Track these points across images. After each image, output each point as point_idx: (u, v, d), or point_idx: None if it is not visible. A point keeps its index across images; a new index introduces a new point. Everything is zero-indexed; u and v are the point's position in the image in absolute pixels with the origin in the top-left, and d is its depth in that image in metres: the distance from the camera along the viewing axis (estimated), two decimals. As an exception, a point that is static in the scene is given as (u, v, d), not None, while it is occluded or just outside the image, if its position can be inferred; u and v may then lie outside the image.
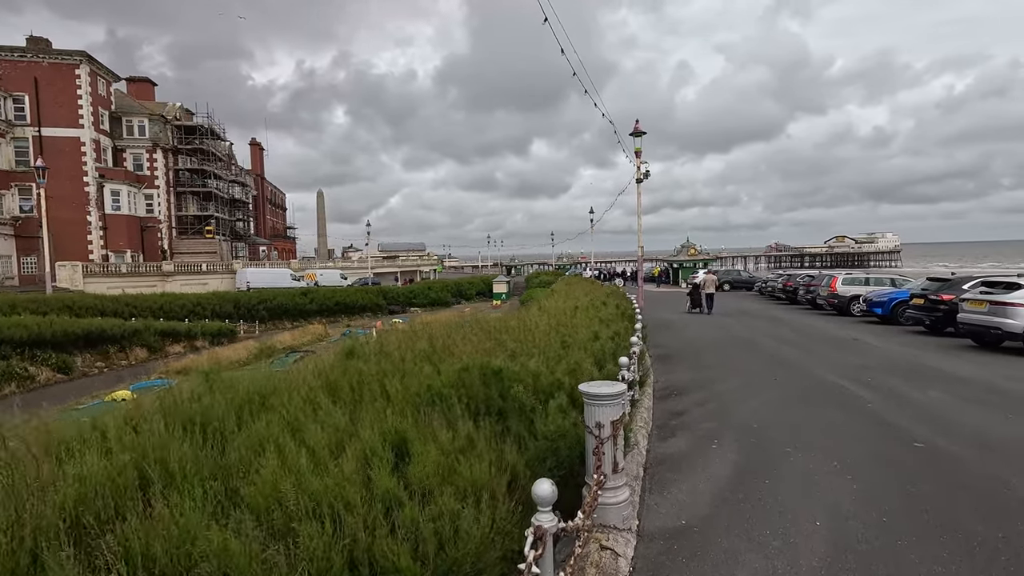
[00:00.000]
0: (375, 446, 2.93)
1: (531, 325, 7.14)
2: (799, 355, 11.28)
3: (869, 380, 8.65)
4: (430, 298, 53.23)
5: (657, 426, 6.24)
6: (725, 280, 41.22)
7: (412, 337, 6.17)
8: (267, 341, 28.39)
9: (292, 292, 41.32)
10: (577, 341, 6.53)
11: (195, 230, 53.24)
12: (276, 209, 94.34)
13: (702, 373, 9.52)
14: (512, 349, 5.29)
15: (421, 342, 5.53)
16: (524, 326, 7.06)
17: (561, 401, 3.76)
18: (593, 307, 12.29)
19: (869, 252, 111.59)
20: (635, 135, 20.56)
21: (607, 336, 7.20)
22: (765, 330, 15.96)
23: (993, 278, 13.02)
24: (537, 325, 7.06)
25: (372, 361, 4.63)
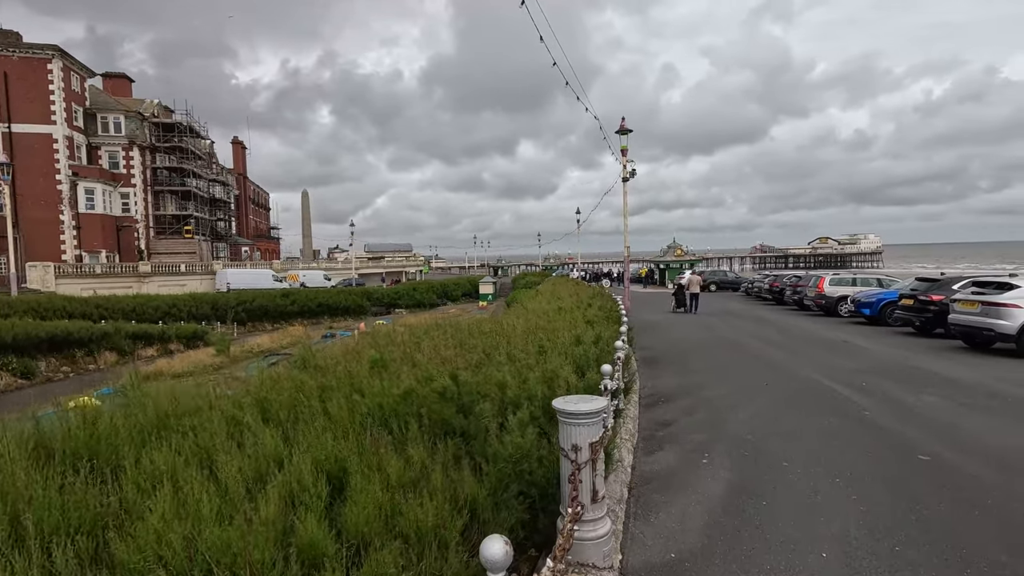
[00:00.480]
0: (306, 479, 2.41)
1: (507, 329, 6.64)
2: (789, 358, 10.92)
3: (863, 384, 8.28)
4: (415, 299, 52.56)
5: (643, 438, 5.78)
6: (712, 281, 41.10)
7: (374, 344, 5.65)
8: (244, 344, 27.59)
9: (272, 293, 40.41)
10: (557, 346, 6.05)
11: (173, 230, 51.99)
12: (259, 209, 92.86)
13: (690, 378, 9.10)
14: (480, 357, 4.79)
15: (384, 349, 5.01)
16: (500, 330, 6.57)
17: (523, 415, 3.26)
18: (578, 308, 11.84)
19: (851, 253, 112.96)
20: (621, 133, 20.17)
21: (590, 340, 6.73)
22: (753, 332, 15.63)
23: (984, 278, 12.79)
24: (514, 329, 6.57)
25: (329, 372, 4.10)
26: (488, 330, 6.47)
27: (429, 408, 3.52)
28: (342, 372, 3.97)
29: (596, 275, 55.14)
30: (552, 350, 5.62)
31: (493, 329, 6.46)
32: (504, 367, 4.49)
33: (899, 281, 20.01)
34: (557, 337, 6.46)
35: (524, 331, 6.64)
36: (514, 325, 7.12)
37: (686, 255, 48.82)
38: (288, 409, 3.22)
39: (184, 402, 3.24)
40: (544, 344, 5.44)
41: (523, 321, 7.79)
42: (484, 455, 3.24)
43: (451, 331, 6.51)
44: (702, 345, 13.15)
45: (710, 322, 18.50)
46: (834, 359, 10.76)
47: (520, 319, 8.98)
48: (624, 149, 20.32)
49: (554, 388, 4.26)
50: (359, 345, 5.51)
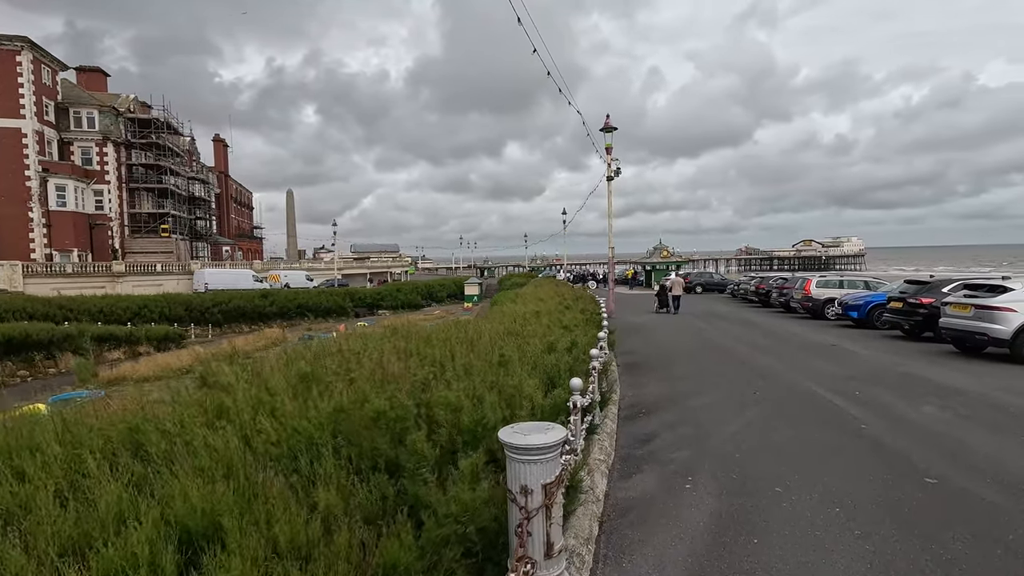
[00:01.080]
0: (143, 550, 1.76)
1: (472, 335, 6.01)
2: (778, 363, 10.43)
3: (857, 393, 7.78)
4: (399, 300, 51.83)
5: (621, 458, 5.18)
6: (698, 283, 40.85)
7: (304, 355, 4.99)
8: (217, 347, 26.64)
9: (250, 294, 39.39)
10: (527, 355, 5.44)
11: (149, 229, 50.61)
12: (242, 208, 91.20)
13: (674, 386, 8.54)
14: (435, 370, 4.15)
15: (317, 361, 4.36)
16: (464, 336, 5.94)
17: (478, 460, 2.64)
18: (558, 311, 11.25)
19: (835, 256, 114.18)
20: (606, 130, 19.65)
21: (564, 346, 6.13)
22: (740, 335, 15.17)
23: (976, 281, 12.42)
24: (480, 336, 5.94)
25: (237, 391, 3.44)
26: (452, 336, 5.83)
27: (357, 437, 2.88)
28: (255, 390, 3.32)
29: (582, 276, 54.71)
30: (519, 360, 5.01)
31: (456, 336, 5.83)
32: (459, 383, 3.86)
33: (887, 284, 19.71)
34: (528, 345, 5.85)
35: (492, 338, 6.01)
36: (481, 331, 6.50)
37: (672, 257, 48.60)
38: (170, 441, 2.57)
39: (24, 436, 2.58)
40: (508, 354, 4.82)
41: (494, 326, 7.18)
42: (419, 501, 2.60)
43: (409, 338, 5.86)
44: (688, 349, 12.63)
45: (696, 325, 18.03)
46: (824, 364, 10.28)
47: (493, 323, 8.37)
48: (608, 147, 19.80)
49: (514, 409, 3.64)
50: (293, 356, 4.85)
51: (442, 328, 6.92)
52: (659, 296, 23.76)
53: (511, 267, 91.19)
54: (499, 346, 5.65)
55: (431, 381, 3.74)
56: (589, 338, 7.30)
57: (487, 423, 3.07)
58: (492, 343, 5.87)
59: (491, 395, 3.56)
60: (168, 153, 51.50)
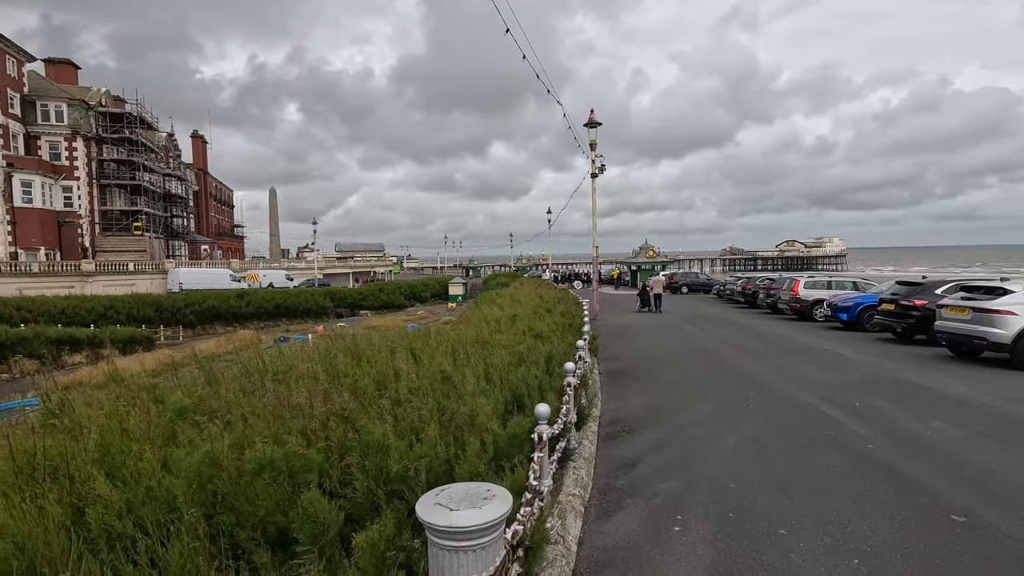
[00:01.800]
0: None
1: (432, 344, 5.27)
2: (770, 371, 9.82)
3: (856, 405, 7.18)
4: (381, 300, 50.89)
5: (599, 490, 4.48)
6: (684, 283, 40.49)
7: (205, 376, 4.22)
8: (188, 349, 25.53)
9: (226, 294, 38.16)
10: (495, 367, 4.72)
11: (122, 226, 49.01)
12: (222, 206, 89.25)
13: (661, 397, 7.87)
14: (368, 393, 3.40)
15: (220, 385, 3.60)
16: (424, 345, 5.20)
17: (383, 528, 1.92)
18: (536, 315, 10.55)
19: (817, 256, 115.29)
20: (590, 126, 19.00)
21: (537, 358, 5.41)
22: (728, 338, 14.60)
23: (973, 282, 11.95)
24: (436, 346, 5.20)
25: (86, 429, 2.67)
26: (409, 346, 5.09)
27: (231, 497, 2.13)
28: (110, 435, 2.54)
29: (568, 276, 54.17)
30: (482, 376, 4.28)
31: (413, 345, 5.09)
32: (400, 409, 3.12)
33: (875, 284, 19.32)
34: (493, 356, 5.12)
35: (454, 347, 5.28)
36: (443, 339, 5.76)
37: (658, 257, 48.26)
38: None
39: None
40: (453, 372, 4.08)
41: (460, 333, 6.44)
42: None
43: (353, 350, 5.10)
44: (674, 355, 12.00)
45: (683, 327, 17.45)
46: (818, 371, 9.70)
47: (462, 329, 7.63)
48: (593, 143, 19.15)
49: (464, 444, 2.92)
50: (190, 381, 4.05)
51: (399, 336, 6.17)
52: (641, 296, 24.23)
53: (497, 267, 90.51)
54: (461, 357, 4.92)
55: (357, 411, 3.00)
56: (566, 347, 6.60)
57: (407, 478, 2.33)
58: (455, 353, 5.13)
59: (432, 428, 2.82)
60: (142, 148, 49.92)
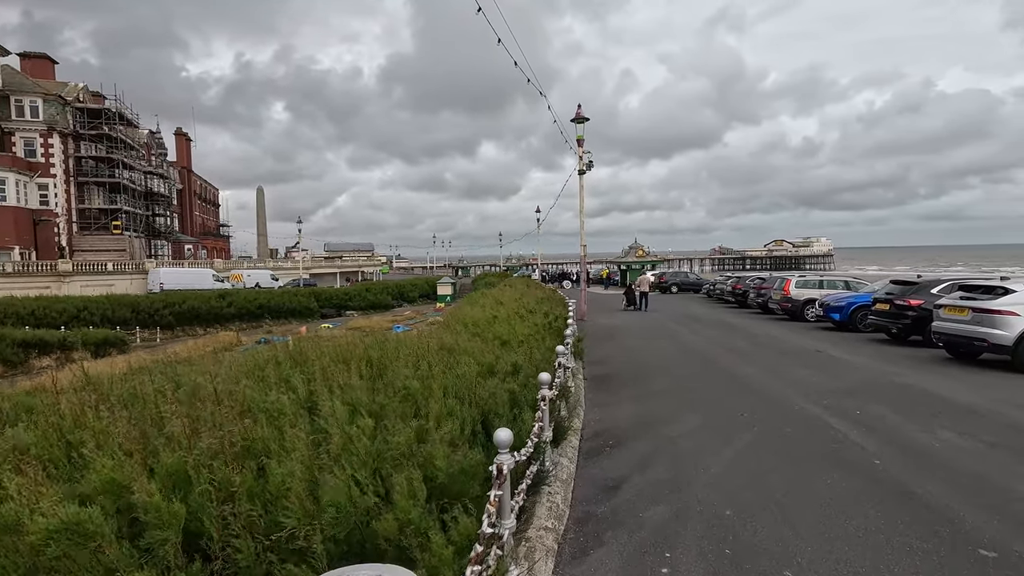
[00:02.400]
0: None
1: (390, 353, 4.67)
2: (764, 375, 9.33)
3: (857, 413, 6.69)
4: (368, 300, 50.12)
5: (576, 520, 3.92)
6: (673, 282, 40.15)
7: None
8: (162, 352, 24.66)
9: (206, 294, 37.25)
10: (463, 379, 4.15)
11: (100, 225, 47.80)
12: (207, 205, 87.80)
13: (649, 405, 7.33)
14: (266, 423, 2.80)
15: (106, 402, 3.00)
16: (380, 355, 4.61)
17: None
18: (518, 317, 9.99)
19: (805, 255, 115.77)
20: (577, 121, 18.47)
21: (509, 367, 4.85)
22: (719, 340, 14.12)
23: (972, 281, 11.55)
24: (397, 355, 4.61)
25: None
26: (365, 355, 4.49)
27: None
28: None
29: (557, 276, 53.69)
30: (440, 391, 3.70)
31: (365, 356, 4.50)
32: (317, 439, 2.52)
33: (867, 284, 18.98)
34: (463, 366, 4.54)
35: (420, 356, 4.70)
36: (405, 346, 5.17)
37: (647, 256, 47.92)
38: None
39: None
40: (413, 390, 3.50)
41: (429, 339, 5.86)
42: None
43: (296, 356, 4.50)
44: (664, 357, 11.49)
45: (673, 328, 16.97)
46: (813, 375, 9.22)
47: (439, 334, 7.05)
48: (580, 139, 18.63)
49: (392, 486, 2.33)
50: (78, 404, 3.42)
51: (356, 343, 5.57)
52: (627, 295, 24.73)
53: (487, 266, 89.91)
54: (424, 369, 4.34)
55: (267, 440, 2.41)
56: (546, 352, 6.04)
57: (314, 529, 1.75)
58: (418, 361, 4.55)
59: (341, 470, 2.23)
60: (121, 146, 48.72)
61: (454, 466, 2.66)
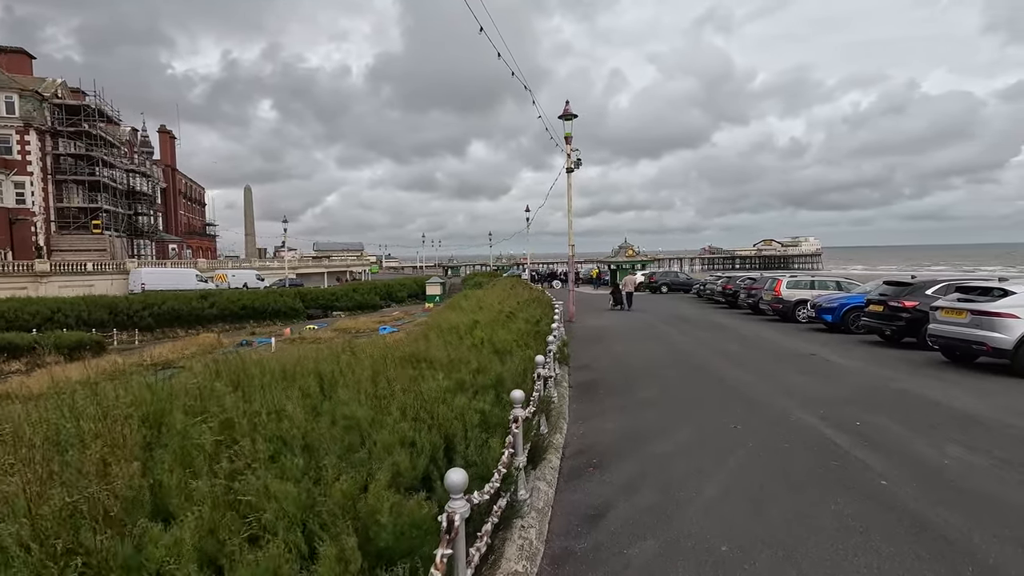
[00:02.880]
0: None
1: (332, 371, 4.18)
2: (758, 381, 8.93)
3: (857, 425, 6.29)
4: (355, 301, 49.42)
5: (552, 559, 3.45)
6: (663, 282, 39.88)
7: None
8: (142, 355, 23.90)
9: (188, 295, 36.43)
10: (425, 401, 3.67)
11: (79, 224, 46.68)
12: (192, 204, 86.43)
13: (637, 417, 6.89)
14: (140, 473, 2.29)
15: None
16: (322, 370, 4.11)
17: None
18: (500, 321, 9.52)
19: (793, 255, 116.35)
20: (565, 118, 18.03)
21: (487, 380, 4.37)
22: (710, 343, 13.74)
23: (969, 282, 11.24)
24: (353, 369, 4.12)
25: None
26: (309, 370, 4.00)
27: None
28: None
29: (547, 276, 53.29)
30: (398, 412, 3.21)
31: (315, 370, 4.00)
32: (213, 492, 2.03)
33: (858, 284, 18.71)
34: (425, 379, 4.06)
35: (378, 370, 4.21)
36: (369, 356, 4.68)
37: (638, 256, 47.65)
38: None
39: None
40: (358, 418, 3.02)
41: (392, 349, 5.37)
42: None
43: (225, 373, 3.99)
44: (653, 362, 11.07)
45: (663, 330, 16.58)
46: (809, 382, 8.84)
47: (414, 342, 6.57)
48: (568, 136, 18.19)
49: (336, 551, 1.85)
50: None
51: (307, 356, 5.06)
52: (613, 294, 25.77)
53: (478, 266, 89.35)
54: (383, 386, 3.85)
55: (135, 499, 1.91)
56: (526, 362, 5.56)
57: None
58: (376, 378, 4.06)
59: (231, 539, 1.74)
60: (101, 143, 47.60)
61: (403, 519, 2.18)
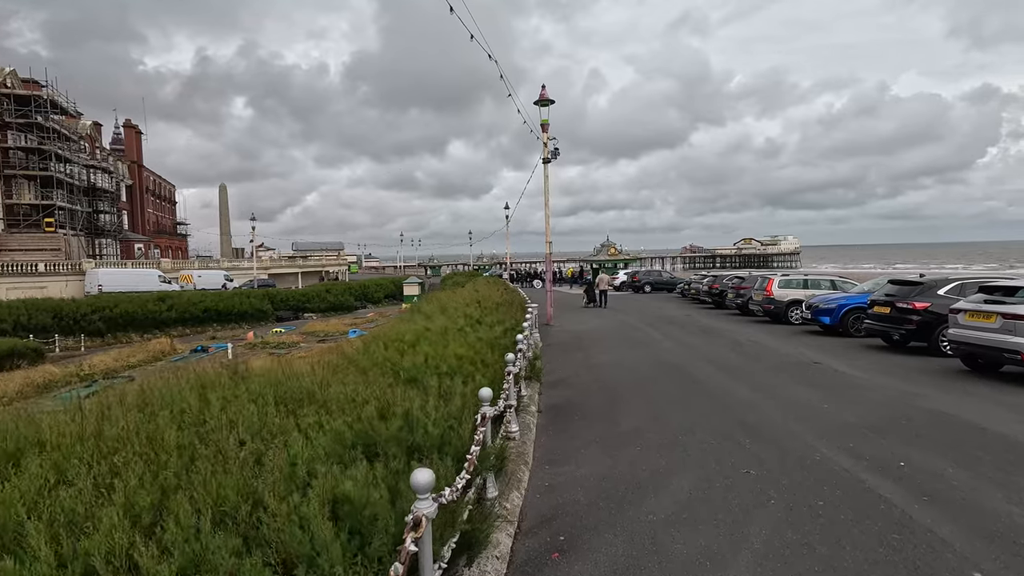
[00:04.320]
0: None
1: (165, 429, 2.63)
2: (762, 401, 7.52)
3: (902, 467, 4.90)
4: (328, 302, 47.44)
5: None
6: (647, 281, 38.75)
7: None
8: (80, 363, 21.84)
9: (144, 297, 34.16)
10: (317, 452, 2.13)
11: (31, 222, 43.98)
12: (162, 202, 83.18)
13: (621, 459, 5.40)
14: None
15: None
16: (145, 431, 2.57)
17: None
18: (460, 328, 7.99)
19: (773, 253, 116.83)
20: (541, 104, 16.56)
21: (386, 437, 2.84)
22: (701, 350, 12.37)
23: (991, 282, 10.01)
24: (220, 412, 2.57)
25: None
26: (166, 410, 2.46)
27: None
28: None
29: (526, 275, 51.86)
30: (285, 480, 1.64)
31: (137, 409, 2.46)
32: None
33: (855, 284, 17.56)
34: (292, 442, 2.51)
35: (237, 418, 2.67)
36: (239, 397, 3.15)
37: (620, 255, 46.52)
38: None
39: None
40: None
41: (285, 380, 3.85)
42: None
43: None
44: (639, 375, 9.63)
45: (648, 334, 15.20)
46: (822, 400, 7.46)
47: (323, 368, 5.03)
48: (545, 124, 16.72)
49: None
50: None
51: (191, 380, 3.49)
52: (587, 292, 26.21)
53: (459, 265, 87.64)
54: (256, 439, 2.29)
55: None
56: (469, 394, 4.05)
57: None
58: (261, 426, 2.49)
59: None
60: (55, 136, 44.92)
61: None
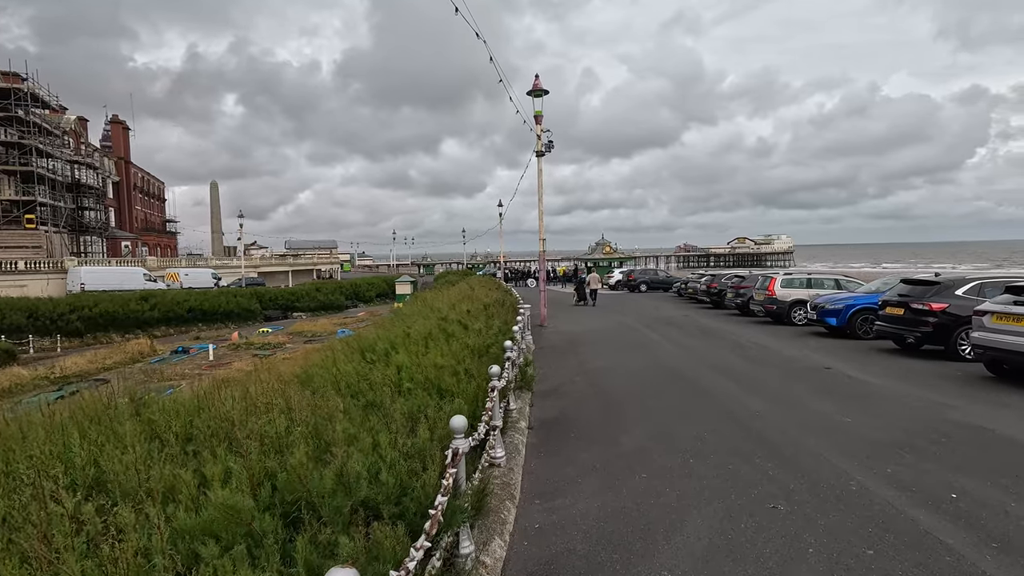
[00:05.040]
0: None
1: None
2: (777, 414, 6.78)
3: (955, 499, 4.17)
4: (318, 301, 46.47)
5: None
6: (642, 280, 38.11)
7: None
8: (52, 366, 20.88)
9: (125, 296, 33.14)
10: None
11: (11, 219, 42.77)
12: (150, 200, 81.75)
13: (623, 491, 4.63)
14: None
15: None
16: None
17: None
18: (444, 331, 7.20)
19: (766, 252, 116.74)
20: (534, 94, 15.79)
21: (320, 491, 2.06)
22: (703, 353, 11.64)
23: (1017, 281, 9.31)
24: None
25: None
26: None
27: None
28: None
29: (520, 274, 51.12)
30: None
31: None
32: None
33: (861, 283, 16.89)
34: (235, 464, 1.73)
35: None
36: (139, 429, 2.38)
37: (615, 253, 45.90)
38: None
39: None
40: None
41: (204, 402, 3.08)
42: None
43: None
44: (639, 383, 8.88)
45: (646, 337, 14.47)
46: (843, 412, 6.73)
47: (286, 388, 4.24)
48: (538, 115, 15.95)
49: None
50: None
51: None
52: (577, 290, 26.54)
53: (453, 264, 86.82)
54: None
55: None
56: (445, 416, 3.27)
57: None
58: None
59: None
60: (36, 131, 43.70)
61: None
